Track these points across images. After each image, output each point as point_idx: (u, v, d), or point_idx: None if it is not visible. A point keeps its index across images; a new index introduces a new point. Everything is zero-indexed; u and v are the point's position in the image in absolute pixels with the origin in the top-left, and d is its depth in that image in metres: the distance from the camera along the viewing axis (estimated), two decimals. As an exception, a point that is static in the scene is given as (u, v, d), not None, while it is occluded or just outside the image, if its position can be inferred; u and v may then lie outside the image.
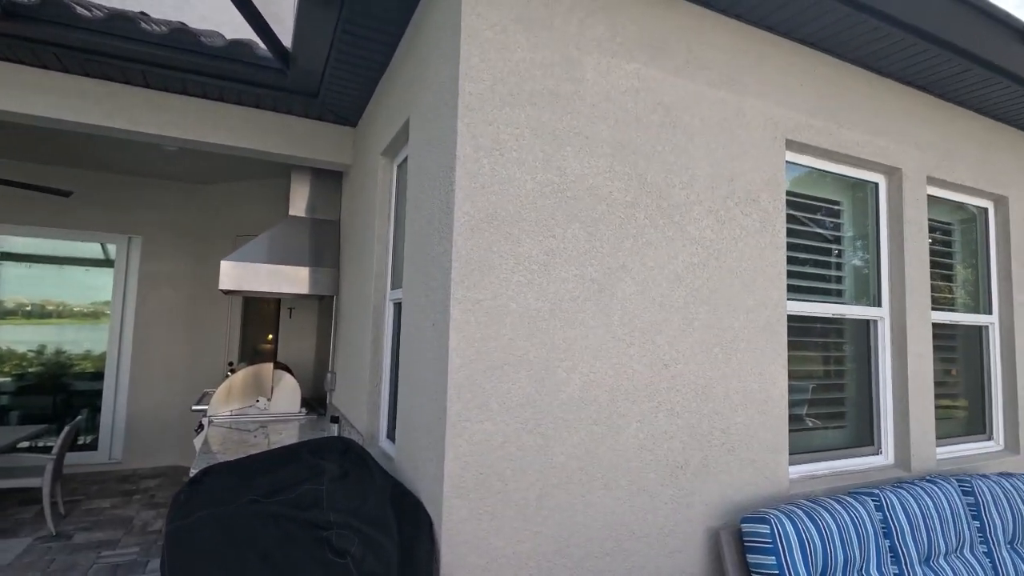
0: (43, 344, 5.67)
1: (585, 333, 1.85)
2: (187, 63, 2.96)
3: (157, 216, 5.75)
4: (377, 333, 2.77)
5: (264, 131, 3.46)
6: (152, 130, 3.21)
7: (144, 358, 5.67)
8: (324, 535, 1.51)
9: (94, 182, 5.45)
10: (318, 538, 1.52)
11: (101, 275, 5.70)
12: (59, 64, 2.95)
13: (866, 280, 2.78)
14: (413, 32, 2.32)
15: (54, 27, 2.67)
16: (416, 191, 2.13)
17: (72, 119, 3.06)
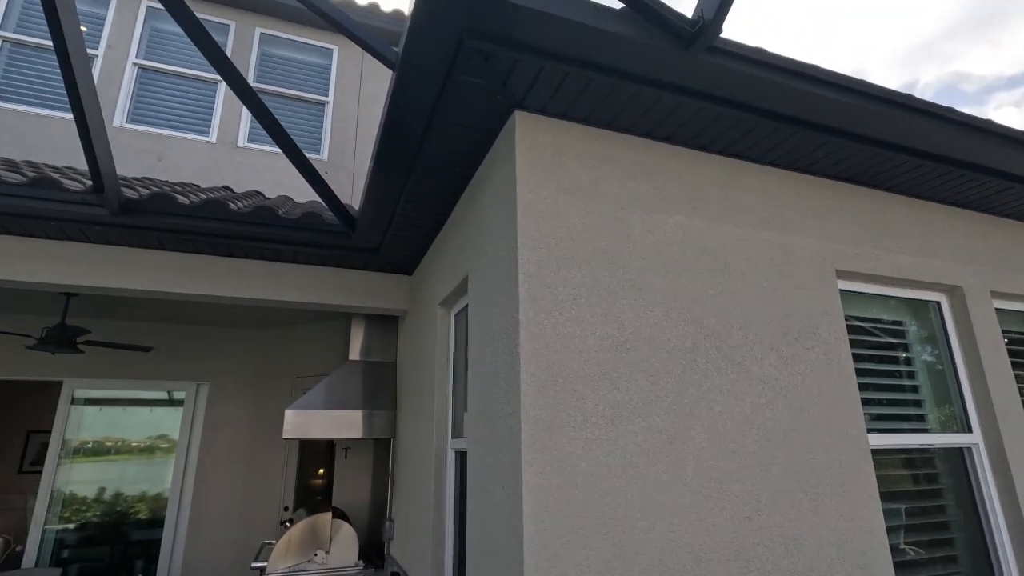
0: (102, 487, 5.78)
1: (659, 488, 1.79)
2: (266, 234, 3.31)
3: (222, 363, 6.07)
4: (439, 484, 2.74)
5: (328, 286, 3.74)
6: (233, 294, 3.52)
7: (203, 503, 5.69)
8: None
9: (166, 334, 5.88)
10: None
11: (163, 413, 5.96)
12: (159, 244, 3.35)
13: (949, 403, 2.62)
14: (469, 198, 2.56)
15: (160, 216, 3.08)
16: (478, 346, 2.22)
17: (165, 290, 3.41)
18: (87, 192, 2.93)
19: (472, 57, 1.73)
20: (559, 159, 2.02)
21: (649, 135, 2.19)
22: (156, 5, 5.51)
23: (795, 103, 2.03)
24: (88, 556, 5.54)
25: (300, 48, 6.05)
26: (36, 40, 5.10)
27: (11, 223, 3.04)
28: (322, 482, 6.06)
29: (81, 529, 5.58)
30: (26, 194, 2.90)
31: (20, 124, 4.88)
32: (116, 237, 3.25)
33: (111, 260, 3.35)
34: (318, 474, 6.04)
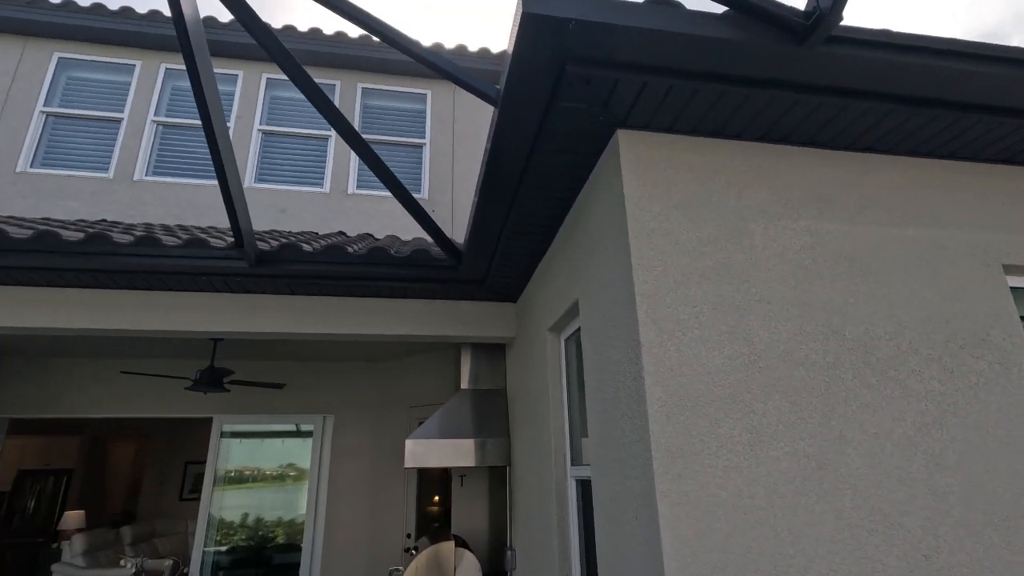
0: (246, 512, 6.32)
1: (812, 520, 1.62)
2: (380, 273, 3.51)
3: (344, 395, 6.48)
4: (562, 513, 2.69)
5: (439, 318, 3.88)
6: (354, 331, 3.76)
7: (334, 529, 6.03)
8: None
9: (296, 371, 6.39)
10: None
11: (292, 444, 6.47)
12: (288, 290, 3.67)
13: None
14: (573, 222, 2.55)
15: (289, 264, 3.38)
16: (594, 371, 2.17)
17: (296, 331, 3.71)
18: (229, 248, 3.29)
19: (573, 83, 1.73)
20: (668, 174, 1.96)
21: (763, 139, 2.06)
22: (274, 76, 6.17)
23: (935, 83, 1.82)
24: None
25: (397, 97, 6.47)
26: (182, 121, 5.89)
27: (171, 280, 3.48)
28: (439, 509, 6.21)
29: (232, 552, 6.12)
30: (182, 254, 3.31)
31: (171, 194, 5.63)
32: (253, 286, 3.61)
33: (250, 307, 3.72)
34: (435, 501, 6.20)
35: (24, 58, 5.73)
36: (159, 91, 5.93)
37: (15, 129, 5.51)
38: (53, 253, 3.20)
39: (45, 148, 5.62)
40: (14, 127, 5.52)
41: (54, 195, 5.39)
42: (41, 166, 5.54)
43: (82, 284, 3.52)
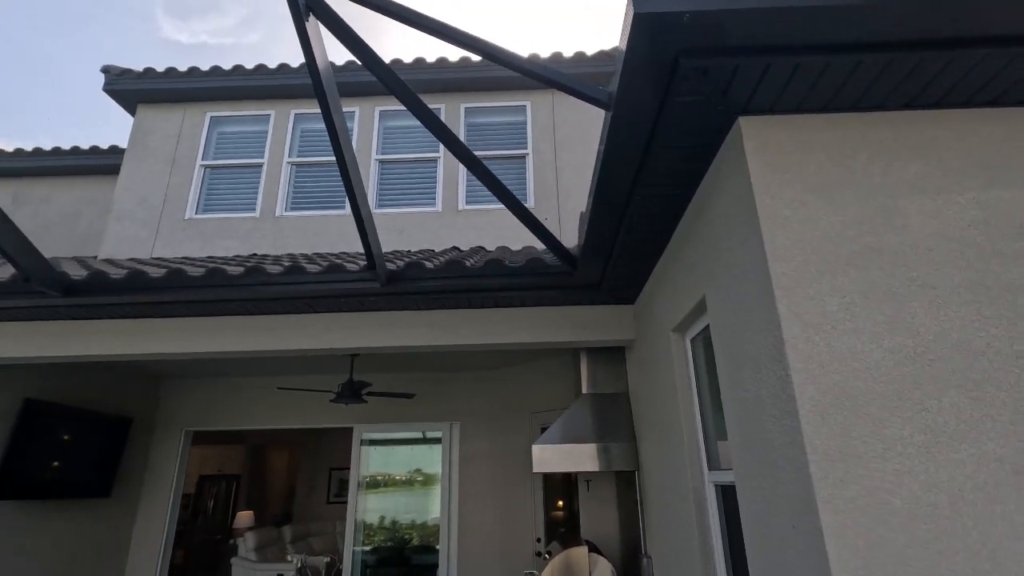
0: (383, 515, 6.76)
1: (1012, 532, 1.42)
2: (497, 284, 3.63)
3: (468, 403, 6.75)
4: (702, 520, 2.58)
5: (556, 324, 3.92)
6: (475, 341, 3.91)
7: (467, 532, 6.28)
8: None
9: (425, 381, 6.77)
10: None
11: (419, 450, 6.83)
12: (415, 305, 3.91)
13: None
14: (693, 217, 2.47)
15: (414, 281, 3.61)
16: (730, 371, 2.07)
17: (423, 344, 3.95)
18: (362, 271, 3.58)
19: (689, 76, 1.69)
20: (799, 156, 1.83)
21: (909, 106, 1.86)
22: (385, 108, 6.64)
23: None
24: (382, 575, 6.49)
25: (497, 112, 6.66)
26: (311, 159, 6.53)
27: (315, 304, 3.86)
28: (564, 514, 6.23)
29: (375, 552, 6.59)
30: (322, 279, 3.66)
31: (307, 225, 6.25)
32: (384, 304, 3.90)
33: (383, 323, 4.02)
34: (559, 506, 6.23)
35: (185, 121, 6.69)
36: (290, 135, 6.62)
37: (182, 183, 6.44)
38: (220, 287, 3.69)
39: (205, 196, 6.50)
40: (181, 181, 6.45)
41: (215, 236, 6.21)
42: (203, 212, 6.41)
43: (241, 312, 4.02)
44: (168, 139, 6.64)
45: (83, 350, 4.04)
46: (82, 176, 7.72)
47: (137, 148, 6.61)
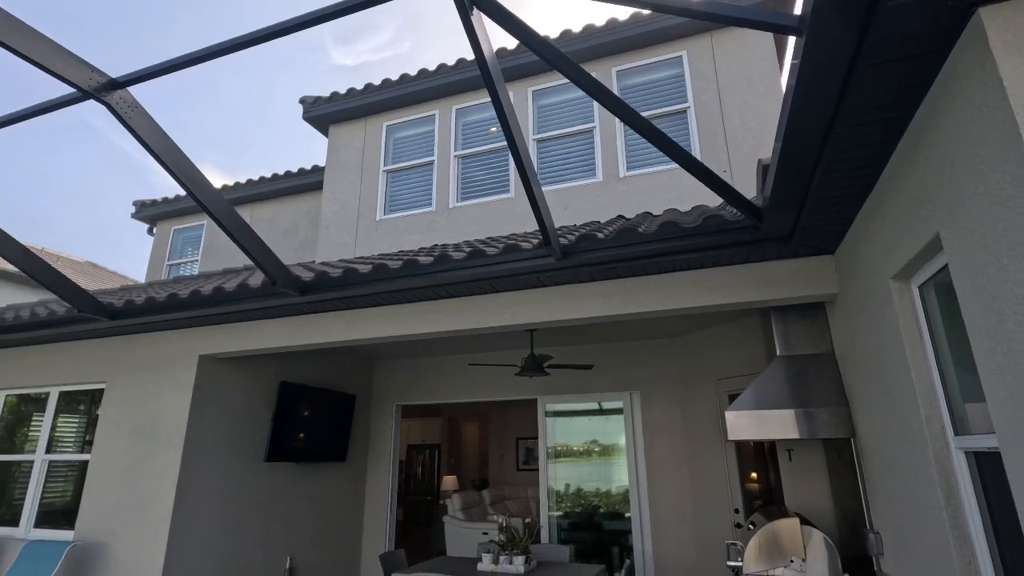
0: (568, 483, 6.99)
1: None
2: (672, 248, 3.49)
3: (647, 372, 6.65)
4: (950, 494, 2.23)
5: (742, 284, 3.65)
6: (654, 308, 3.83)
7: (658, 502, 6.26)
8: None
9: (603, 352, 6.83)
10: None
11: (596, 421, 6.90)
12: (589, 277, 3.96)
13: None
14: (912, 144, 2.10)
15: (587, 253, 3.64)
16: (985, 319, 1.74)
17: (600, 315, 3.98)
18: (537, 248, 3.72)
19: (907, -28, 1.42)
20: (1074, 42, 1.45)
21: None
22: (536, 87, 6.72)
23: None
24: (575, 540, 6.76)
25: (651, 68, 6.34)
26: (474, 150, 6.91)
27: (496, 283, 4.11)
28: (760, 486, 5.86)
29: (566, 517, 6.89)
30: (501, 260, 3.88)
31: (477, 212, 6.65)
32: (559, 278, 4.00)
33: (558, 297, 4.13)
34: (752, 478, 5.87)
35: (367, 133, 7.53)
36: (454, 130, 7.07)
37: (371, 188, 7.28)
38: (415, 275, 4.12)
39: (390, 198, 7.28)
40: (370, 187, 7.30)
41: (401, 232, 6.93)
42: (390, 212, 7.19)
43: (432, 297, 4.44)
44: (355, 152, 7.54)
45: (315, 339, 4.82)
46: (295, 195, 9.15)
47: (333, 164, 7.62)
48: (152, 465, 5.01)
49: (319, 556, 6.47)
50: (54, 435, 5.78)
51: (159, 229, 10.39)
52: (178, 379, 5.20)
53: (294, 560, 6.05)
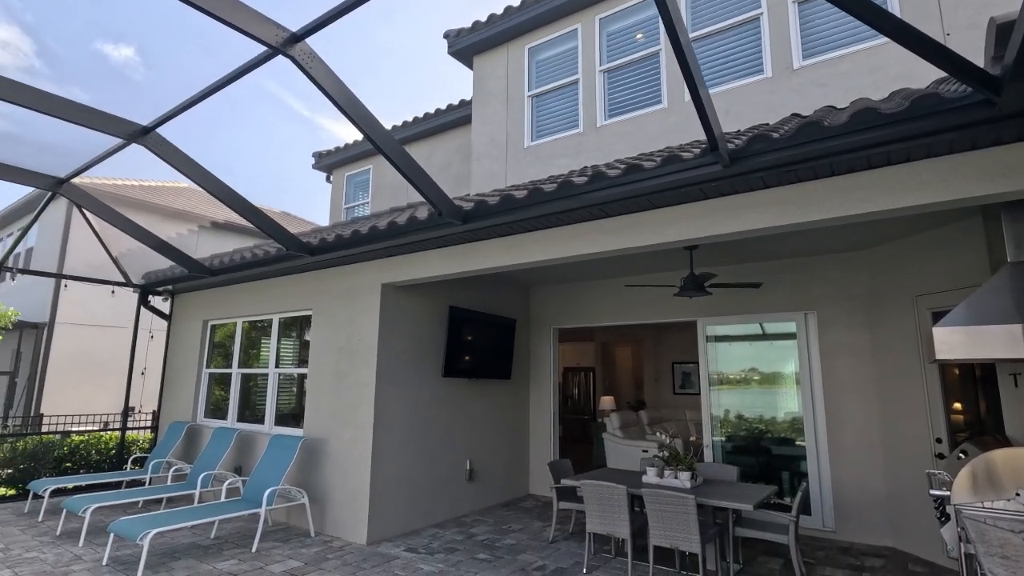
0: (728, 409, 6.71)
1: None
2: (869, 140, 3.00)
3: (825, 290, 6.01)
4: None
5: (963, 176, 3.04)
6: (841, 213, 3.39)
7: (838, 428, 5.80)
8: None
9: (771, 271, 6.30)
10: None
11: (762, 348, 6.43)
12: (762, 183, 3.59)
13: None
14: None
15: (761, 156, 3.29)
16: None
17: (773, 224, 3.63)
18: (702, 155, 3.45)
19: None
20: None
21: None
22: (690, -22, 6.01)
23: None
24: (740, 463, 6.57)
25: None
26: (622, 61, 6.50)
27: (655, 199, 3.93)
28: (966, 416, 5.10)
29: (730, 440, 6.72)
30: (660, 172, 3.68)
31: (626, 129, 6.33)
32: (727, 188, 3.70)
33: (724, 209, 3.84)
34: (955, 408, 5.12)
35: (509, 59, 7.45)
36: (598, 42, 6.69)
37: (517, 116, 7.28)
38: (570, 197, 4.10)
39: (536, 123, 7.22)
40: (516, 115, 7.30)
41: (549, 157, 6.90)
42: (537, 138, 7.16)
43: (588, 218, 4.39)
44: (499, 81, 7.53)
45: (477, 265, 5.11)
46: (446, 132, 9.52)
47: (479, 95, 7.72)
48: (355, 377, 5.87)
49: (494, 460, 7.18)
50: (280, 354, 7.02)
51: (335, 177, 11.60)
52: (367, 305, 5.93)
53: (473, 463, 6.80)
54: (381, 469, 5.59)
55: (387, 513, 5.61)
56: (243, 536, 5.55)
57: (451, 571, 4.64)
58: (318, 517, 5.81)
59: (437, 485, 6.26)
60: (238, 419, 7.25)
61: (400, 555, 5.06)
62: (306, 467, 6.06)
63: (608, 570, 4.68)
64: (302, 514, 5.81)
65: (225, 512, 5.21)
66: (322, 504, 5.83)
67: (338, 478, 5.76)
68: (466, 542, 5.48)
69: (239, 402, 7.31)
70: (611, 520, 4.55)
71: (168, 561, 4.79)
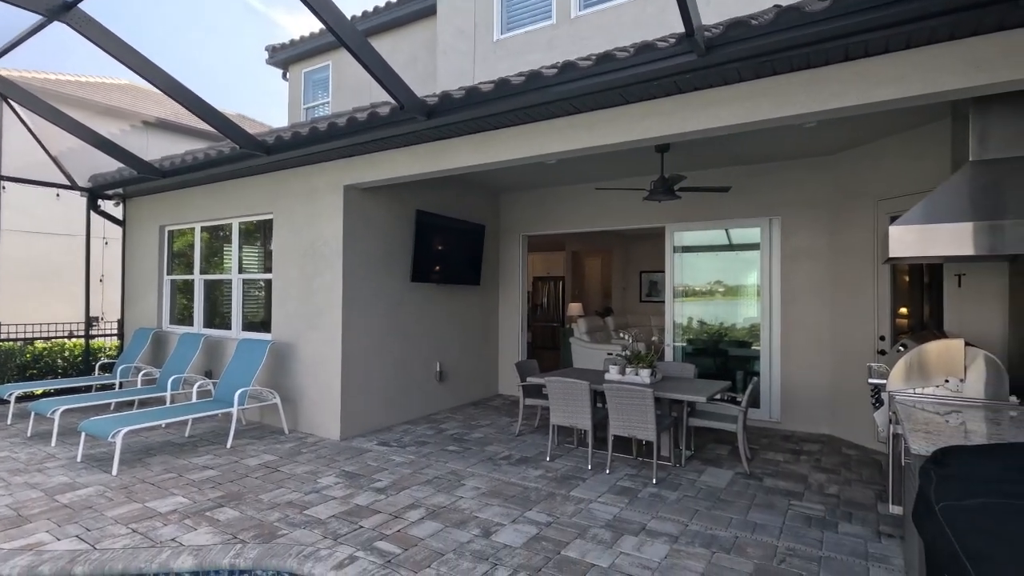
0: (691, 317, 6.96)
1: None
2: (846, 28, 2.88)
3: (791, 195, 6.06)
4: None
5: (939, 68, 2.97)
6: (815, 108, 3.32)
7: (791, 330, 6.09)
8: None
9: (739, 175, 6.28)
10: None
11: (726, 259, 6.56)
12: (736, 76, 3.46)
13: None
14: None
15: (737, 44, 3.14)
16: None
17: (743, 121, 3.55)
18: (677, 43, 3.28)
19: None
20: None
21: None
22: None
23: None
24: (699, 364, 6.89)
25: None
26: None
27: (627, 93, 3.77)
28: (910, 320, 5.39)
29: (691, 343, 7.01)
30: (634, 63, 3.50)
31: (601, 20, 5.95)
32: (700, 80, 3.55)
33: (698, 104, 3.71)
34: (901, 312, 5.40)
35: (478, -62, 6.78)
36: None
37: (485, 6, 6.75)
38: (539, 89, 3.90)
39: (507, 15, 6.73)
40: (484, 5, 6.76)
41: (521, 53, 6.50)
42: (507, 31, 6.70)
43: (559, 113, 4.21)
44: (467, -37, 6.89)
45: (445, 165, 4.93)
46: (413, 23, 8.82)
47: (445, -20, 7.08)
48: (320, 281, 5.80)
49: (463, 362, 7.39)
50: (243, 260, 6.85)
51: (292, 74, 10.80)
52: (330, 207, 5.74)
53: (443, 365, 6.98)
54: (352, 370, 5.70)
55: (359, 411, 5.79)
56: (217, 435, 5.69)
57: (421, 461, 4.89)
58: (291, 416, 5.97)
59: (408, 385, 6.44)
60: (205, 326, 7.19)
61: (373, 448, 5.29)
62: (277, 370, 6.13)
63: (570, 458, 4.99)
64: (275, 414, 5.95)
65: (198, 411, 5.30)
66: (295, 404, 5.96)
67: (309, 379, 5.86)
68: (436, 436, 5.75)
69: (205, 309, 7.22)
70: (574, 413, 4.79)
71: (144, 457, 4.90)
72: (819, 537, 3.42)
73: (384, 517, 3.65)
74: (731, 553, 3.19)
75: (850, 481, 4.44)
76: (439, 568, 2.97)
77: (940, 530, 1.52)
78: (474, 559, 3.08)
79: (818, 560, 3.12)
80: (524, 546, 3.25)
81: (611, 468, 4.69)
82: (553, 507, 3.85)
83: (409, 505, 3.87)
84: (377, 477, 4.45)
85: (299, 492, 4.10)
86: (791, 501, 4.00)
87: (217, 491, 4.11)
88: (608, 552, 3.18)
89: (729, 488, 4.27)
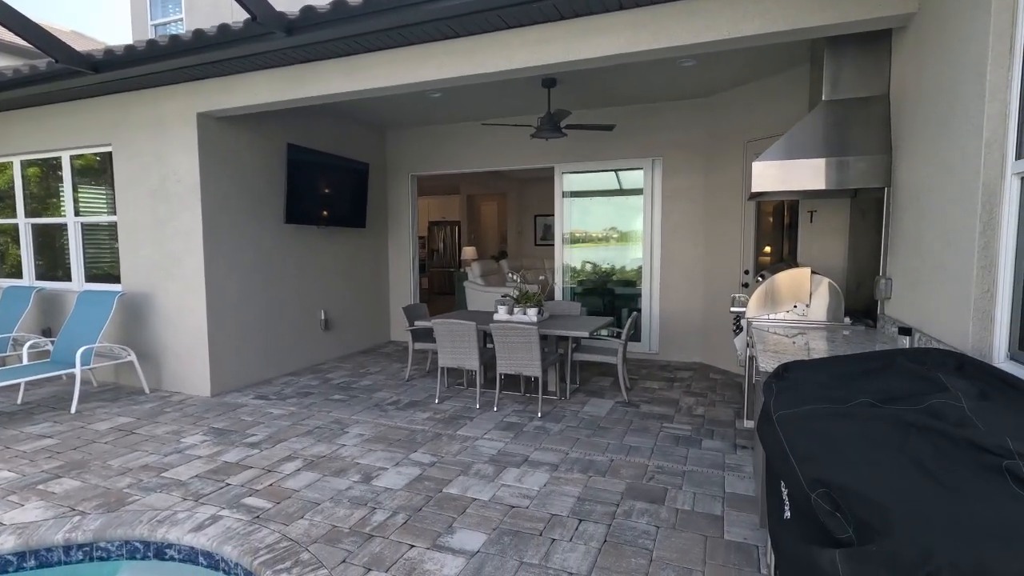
0: (584, 260, 7.19)
1: None
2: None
3: (672, 136, 6.25)
4: (989, 220, 2.07)
5: (800, 4, 3.06)
6: (687, 41, 3.33)
7: (669, 267, 6.43)
8: (1004, 463, 1.18)
9: (626, 115, 6.34)
10: (990, 465, 1.19)
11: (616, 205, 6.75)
12: (616, 5, 3.36)
13: None
14: None
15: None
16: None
17: (618, 52, 3.50)
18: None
19: None
20: None
21: None
22: None
23: None
24: (587, 303, 7.15)
25: None
26: None
27: (507, 15, 3.54)
28: (772, 259, 5.89)
29: (580, 284, 7.21)
30: (512, -18, 3.27)
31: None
32: (582, 7, 3.41)
33: (579, 33, 3.59)
34: (767, 252, 5.88)
35: None
36: None
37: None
38: (413, 6, 3.55)
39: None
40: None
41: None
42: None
43: (438, 37, 3.91)
44: None
45: (313, 91, 4.45)
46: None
47: None
48: (176, 224, 5.14)
49: (351, 311, 7.06)
50: (79, 199, 5.89)
51: (133, -19, 9.19)
52: (182, 139, 5.03)
53: (328, 312, 6.62)
54: (220, 321, 5.20)
55: (233, 364, 5.35)
56: (60, 400, 5.01)
57: (303, 412, 4.64)
58: (153, 374, 5.39)
59: (290, 335, 6.04)
60: (39, 277, 6.20)
61: (248, 403, 4.93)
62: (131, 324, 5.45)
63: (459, 399, 4.99)
64: (132, 372, 5.34)
65: (31, 374, 4.60)
66: (156, 360, 5.38)
67: (171, 333, 5.28)
68: (321, 386, 5.48)
69: (37, 258, 6.19)
70: (462, 354, 4.75)
71: (-40, 430, 4.20)
72: (684, 454, 3.70)
73: (255, 472, 3.42)
74: (606, 476, 3.36)
75: (715, 402, 4.85)
76: (313, 518, 2.83)
77: (776, 436, 1.61)
78: (352, 505, 2.97)
79: (682, 474, 3.38)
80: (406, 487, 3.20)
81: (499, 406, 4.74)
82: (439, 447, 3.82)
83: (285, 457, 3.65)
84: (251, 432, 4.16)
85: (157, 455, 3.72)
86: (663, 424, 4.29)
87: (54, 461, 3.61)
88: (489, 485, 3.22)
89: (609, 416, 4.49)
